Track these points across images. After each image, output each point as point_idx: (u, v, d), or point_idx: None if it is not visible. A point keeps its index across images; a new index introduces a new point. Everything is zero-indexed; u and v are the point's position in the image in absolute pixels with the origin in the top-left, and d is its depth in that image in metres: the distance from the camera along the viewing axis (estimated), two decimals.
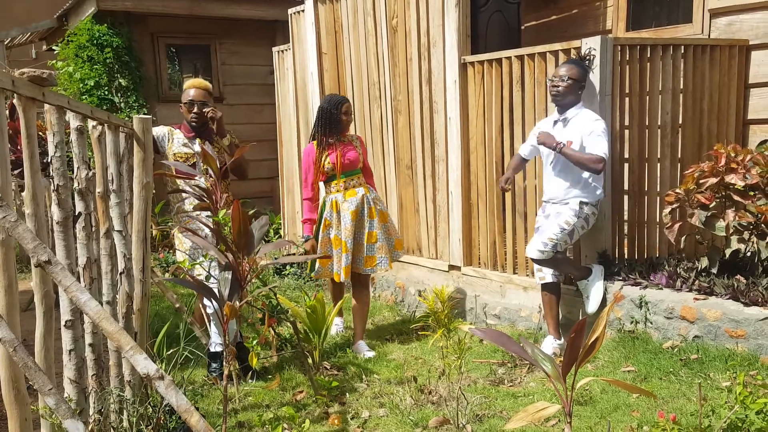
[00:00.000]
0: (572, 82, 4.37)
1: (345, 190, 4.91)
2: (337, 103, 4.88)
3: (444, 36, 5.46)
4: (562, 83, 4.37)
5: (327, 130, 4.87)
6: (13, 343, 1.99)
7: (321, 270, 5.00)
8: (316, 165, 4.88)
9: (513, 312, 5.20)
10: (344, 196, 4.90)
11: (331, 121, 4.86)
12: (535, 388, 4.04)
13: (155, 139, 4.43)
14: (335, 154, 4.86)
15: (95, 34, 8.61)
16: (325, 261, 4.95)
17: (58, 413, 2.05)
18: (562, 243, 4.42)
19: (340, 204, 4.89)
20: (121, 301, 3.22)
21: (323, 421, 3.74)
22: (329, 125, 4.86)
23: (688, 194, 4.30)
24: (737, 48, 5.14)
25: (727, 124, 5.21)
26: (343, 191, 4.91)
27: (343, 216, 4.87)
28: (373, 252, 4.91)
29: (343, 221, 4.87)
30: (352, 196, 4.90)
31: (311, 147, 4.94)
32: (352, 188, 4.93)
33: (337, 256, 4.91)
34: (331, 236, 4.94)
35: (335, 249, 4.93)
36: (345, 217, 4.86)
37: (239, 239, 3.22)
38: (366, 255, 4.91)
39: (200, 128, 4.57)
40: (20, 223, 2.02)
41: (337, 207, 4.90)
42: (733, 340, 3.95)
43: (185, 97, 4.56)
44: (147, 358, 1.99)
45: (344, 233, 4.86)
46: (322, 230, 4.95)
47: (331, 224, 4.93)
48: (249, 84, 9.75)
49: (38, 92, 2.36)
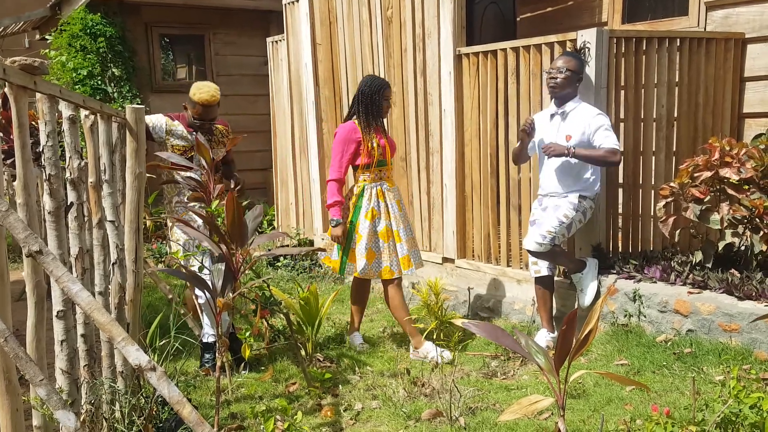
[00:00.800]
0: (570, 73, 4.35)
1: (388, 178, 4.64)
2: (379, 87, 4.54)
3: (439, 27, 5.44)
4: (560, 75, 4.36)
5: (369, 116, 4.54)
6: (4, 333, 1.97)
7: (367, 269, 4.54)
8: (365, 146, 4.50)
9: (507, 305, 5.20)
10: (389, 185, 4.63)
11: (372, 106, 4.53)
12: (528, 381, 4.04)
13: (150, 127, 4.37)
14: (384, 140, 4.58)
15: (88, 24, 8.56)
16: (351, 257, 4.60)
17: (49, 404, 2.03)
18: (560, 236, 4.42)
19: (386, 192, 4.60)
20: (114, 292, 3.20)
21: (316, 413, 3.73)
22: (371, 111, 4.53)
23: (683, 188, 4.30)
24: (733, 41, 5.13)
25: (722, 117, 5.21)
26: (386, 179, 4.63)
27: (391, 205, 4.59)
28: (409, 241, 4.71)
29: (393, 211, 4.58)
30: (394, 186, 4.68)
31: (353, 126, 4.53)
32: (392, 178, 4.71)
33: (388, 249, 4.56)
34: (379, 228, 4.57)
35: (385, 242, 4.56)
36: (393, 206, 4.59)
37: (233, 230, 3.20)
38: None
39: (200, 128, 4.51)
40: (11, 213, 2.00)
41: (384, 196, 4.60)
42: (726, 334, 3.95)
43: (198, 105, 4.39)
44: (139, 349, 1.97)
45: (395, 223, 4.57)
46: (368, 220, 4.54)
47: (379, 215, 4.56)
48: (243, 75, 9.71)
49: (29, 81, 2.33)
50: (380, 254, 4.56)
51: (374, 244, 4.55)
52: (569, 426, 3.31)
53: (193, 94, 4.42)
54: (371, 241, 4.54)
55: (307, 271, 6.95)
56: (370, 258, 4.54)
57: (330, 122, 6.95)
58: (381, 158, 4.56)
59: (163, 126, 4.46)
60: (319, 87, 6.99)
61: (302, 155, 7.53)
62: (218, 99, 4.47)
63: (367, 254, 4.52)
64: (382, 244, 4.56)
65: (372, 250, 4.54)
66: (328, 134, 6.98)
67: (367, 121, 4.53)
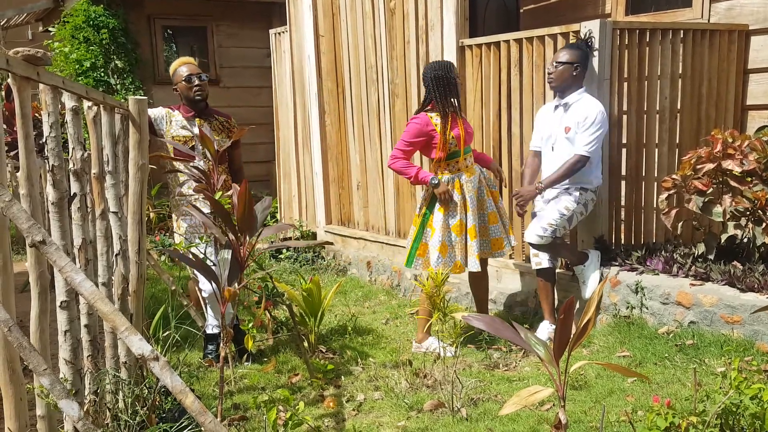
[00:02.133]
0: (564, 66, 4.34)
1: (466, 168, 4.49)
2: (448, 66, 4.41)
3: (442, 19, 5.43)
4: (553, 69, 4.39)
5: (447, 99, 4.37)
6: (7, 323, 1.98)
7: (440, 262, 4.40)
8: (442, 137, 4.36)
9: (509, 297, 5.21)
10: (467, 176, 4.48)
11: (449, 86, 4.36)
12: (530, 372, 4.05)
13: (152, 120, 4.36)
14: (458, 128, 4.39)
15: (91, 15, 8.56)
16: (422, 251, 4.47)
17: (53, 393, 2.04)
18: (561, 228, 4.42)
19: (464, 184, 4.45)
20: (117, 283, 3.22)
21: (318, 404, 3.75)
22: (449, 92, 4.37)
23: (685, 180, 4.30)
24: (737, 33, 5.12)
25: (725, 109, 5.19)
26: (464, 170, 4.48)
27: (469, 198, 4.44)
28: (498, 234, 4.55)
29: (471, 204, 4.44)
30: (473, 175, 4.49)
31: (426, 119, 4.40)
32: (471, 165, 4.52)
33: (460, 243, 4.44)
34: (452, 223, 4.44)
35: (458, 236, 4.44)
36: (471, 198, 4.45)
37: (243, 220, 3.20)
38: (492, 237, 4.56)
39: (203, 102, 4.48)
40: (15, 203, 2.01)
41: (462, 188, 4.45)
42: (728, 325, 3.95)
43: (180, 75, 4.42)
44: (142, 339, 1.98)
45: (471, 218, 4.43)
46: (441, 213, 4.42)
47: (455, 208, 4.43)
48: (246, 67, 9.70)
49: (32, 71, 2.34)
50: (453, 248, 4.45)
51: (447, 237, 4.44)
52: (571, 417, 3.32)
53: (171, 73, 4.52)
54: (444, 234, 4.43)
55: (309, 263, 6.96)
56: (443, 251, 4.43)
57: (332, 114, 6.94)
58: (454, 149, 4.42)
59: (164, 116, 4.44)
60: (322, 79, 6.99)
61: (305, 147, 7.53)
62: (194, 62, 4.55)
63: (440, 247, 4.42)
64: (454, 238, 4.45)
65: (445, 243, 4.43)
66: (331, 126, 6.98)
67: (445, 107, 4.37)
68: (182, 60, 4.54)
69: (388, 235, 6.40)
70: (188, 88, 4.41)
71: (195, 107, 4.44)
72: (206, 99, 4.50)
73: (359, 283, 6.42)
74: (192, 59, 4.61)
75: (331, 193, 7.14)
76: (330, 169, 7.10)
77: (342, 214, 7.08)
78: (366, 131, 6.49)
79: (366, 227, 6.74)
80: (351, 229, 6.94)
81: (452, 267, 4.44)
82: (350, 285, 6.31)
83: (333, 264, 6.92)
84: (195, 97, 4.41)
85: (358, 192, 6.75)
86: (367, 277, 6.50)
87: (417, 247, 4.54)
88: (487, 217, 4.54)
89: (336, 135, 6.94)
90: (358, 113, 6.57)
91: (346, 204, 7.01)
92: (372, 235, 6.57)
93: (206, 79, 4.50)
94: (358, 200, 6.78)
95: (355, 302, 5.81)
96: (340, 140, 6.91)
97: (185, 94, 4.44)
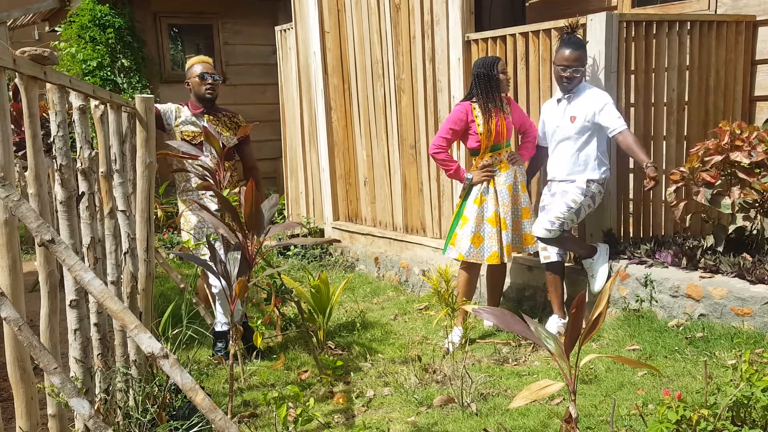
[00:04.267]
0: (582, 68, 4.40)
1: (500, 163, 4.57)
2: (491, 63, 4.51)
3: (447, 13, 5.42)
4: (576, 75, 4.38)
5: (489, 95, 4.50)
6: (18, 322, 1.99)
7: (472, 251, 4.53)
8: (482, 128, 4.49)
9: (517, 291, 5.20)
10: (500, 170, 4.57)
11: (491, 83, 4.49)
12: (539, 366, 4.05)
13: (161, 114, 4.40)
14: (493, 123, 4.50)
15: (97, 15, 8.57)
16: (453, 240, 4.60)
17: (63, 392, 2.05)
18: (568, 221, 4.41)
19: (496, 178, 4.56)
20: (126, 281, 3.22)
21: (328, 400, 3.75)
22: (490, 89, 4.49)
23: (693, 172, 4.27)
24: (744, 24, 5.08)
25: (733, 101, 5.16)
26: (498, 164, 4.57)
27: (500, 191, 4.55)
28: (529, 229, 4.60)
29: (501, 197, 4.55)
30: (507, 170, 4.58)
31: (468, 106, 4.55)
32: (507, 160, 4.59)
33: (497, 234, 4.54)
34: (487, 215, 4.56)
35: (493, 227, 4.54)
36: (502, 192, 4.55)
37: (250, 218, 3.20)
38: (524, 232, 4.64)
39: (213, 100, 4.55)
40: (23, 203, 2.01)
41: (494, 181, 4.56)
42: (739, 318, 3.94)
43: (194, 72, 4.52)
44: (151, 336, 1.99)
45: (503, 209, 4.55)
46: (477, 204, 4.54)
47: (487, 200, 4.55)
48: (251, 64, 9.70)
49: (40, 71, 2.34)
50: (488, 239, 4.55)
51: (482, 228, 4.55)
52: (581, 411, 3.32)
53: (187, 69, 4.61)
54: (478, 226, 4.54)
55: (317, 260, 6.96)
56: (477, 242, 4.54)
57: (339, 111, 6.94)
58: (495, 143, 4.53)
59: (173, 111, 4.49)
60: (328, 75, 6.98)
61: (311, 144, 7.53)
62: (211, 62, 4.63)
63: (473, 237, 4.54)
64: (490, 230, 4.54)
65: (479, 234, 4.54)
66: (337, 122, 6.98)
67: (487, 102, 4.50)
68: (200, 58, 4.63)
69: (395, 230, 6.40)
70: (200, 84, 4.49)
71: (204, 104, 4.50)
72: (216, 98, 4.58)
73: (367, 279, 6.43)
74: (209, 59, 4.68)
75: (338, 190, 7.14)
76: (337, 166, 7.10)
77: (349, 210, 7.08)
78: (372, 127, 6.48)
79: (373, 223, 6.74)
80: (358, 225, 6.94)
81: (489, 256, 4.54)
82: (358, 281, 6.32)
83: (341, 260, 6.93)
84: (206, 94, 4.50)
85: (365, 188, 6.75)
86: (375, 273, 6.50)
87: (451, 236, 4.66)
88: (521, 211, 4.63)
89: (342, 131, 6.94)
90: (364, 109, 6.56)
91: (353, 200, 7.01)
92: (379, 230, 6.57)
93: (219, 80, 4.58)
94: (366, 196, 6.78)
95: (363, 298, 5.81)
96: (347, 136, 6.91)
97: (196, 90, 4.52)
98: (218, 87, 4.57)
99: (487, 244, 4.55)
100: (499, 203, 4.56)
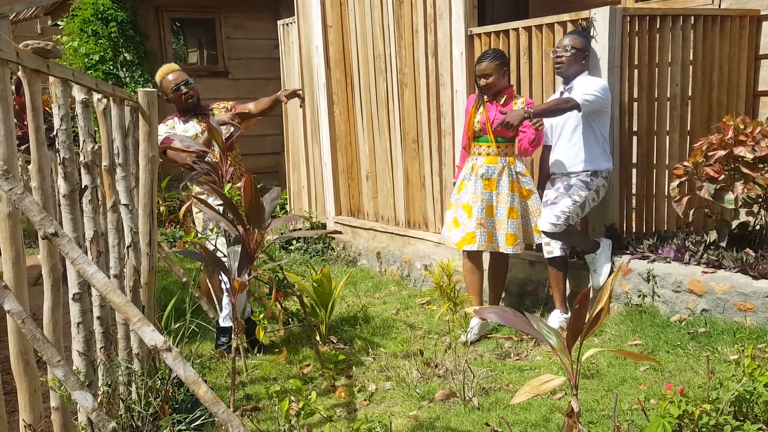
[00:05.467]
0: (575, 51, 4.37)
1: (487, 156, 4.54)
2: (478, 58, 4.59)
3: (450, 7, 5.40)
4: (565, 54, 4.38)
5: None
6: (21, 315, 1.99)
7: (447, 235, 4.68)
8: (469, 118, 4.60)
9: (520, 285, 5.20)
10: (485, 161, 4.54)
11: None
12: (541, 361, 4.05)
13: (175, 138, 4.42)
14: (486, 114, 4.51)
15: (100, 9, 8.57)
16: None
17: (67, 385, 2.05)
18: (574, 216, 4.41)
19: (478, 168, 4.55)
20: (129, 275, 3.23)
21: (330, 394, 3.76)
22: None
23: (697, 167, 4.27)
24: (748, 18, 5.07)
25: (737, 95, 5.15)
26: (485, 155, 4.55)
27: (475, 180, 4.56)
28: (514, 230, 4.52)
29: (475, 186, 4.54)
30: (492, 164, 4.53)
31: (471, 96, 4.71)
32: (495, 155, 4.53)
33: (467, 222, 4.55)
34: (463, 201, 4.61)
35: (467, 216, 4.57)
36: (477, 182, 4.54)
37: (250, 212, 3.20)
38: (508, 232, 4.52)
39: (196, 106, 4.57)
40: (27, 196, 2.01)
41: (476, 171, 4.56)
42: (741, 313, 3.94)
43: (168, 86, 4.52)
44: (154, 330, 1.99)
45: (471, 198, 4.55)
46: (458, 191, 4.65)
47: (467, 186, 4.60)
48: (254, 58, 9.69)
49: (42, 64, 2.34)
50: (463, 224, 4.59)
51: (460, 213, 4.61)
52: (583, 406, 3.32)
53: (159, 82, 4.60)
54: (458, 211, 4.62)
55: (320, 254, 6.97)
56: (452, 227, 4.64)
57: (341, 105, 6.94)
58: (478, 134, 4.56)
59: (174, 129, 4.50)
60: (330, 69, 6.98)
61: (314, 138, 7.52)
62: (177, 68, 4.61)
63: (452, 221, 4.64)
64: (464, 216, 4.60)
65: (457, 219, 4.62)
66: (340, 117, 6.97)
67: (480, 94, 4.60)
68: (166, 69, 4.61)
69: (397, 225, 6.40)
70: (178, 97, 4.52)
71: (188, 111, 4.53)
72: (198, 100, 4.59)
73: (369, 273, 6.43)
74: (176, 66, 4.66)
75: (341, 184, 7.14)
76: (339, 160, 7.09)
77: (351, 205, 7.08)
78: (375, 121, 6.48)
79: (375, 218, 6.73)
80: (360, 219, 6.94)
81: (458, 241, 4.57)
82: (360, 275, 6.32)
83: (343, 255, 6.93)
84: (187, 101, 4.53)
85: (368, 182, 6.75)
86: (377, 268, 6.50)
87: None
88: (506, 210, 4.51)
89: (345, 125, 6.94)
90: (366, 103, 6.55)
91: (355, 194, 7.01)
92: (382, 225, 6.57)
93: (192, 82, 4.59)
94: (368, 190, 6.78)
95: (365, 293, 5.82)
96: (349, 130, 6.91)
97: (175, 102, 4.57)
98: (195, 88, 4.57)
99: (460, 229, 4.57)
100: (471, 192, 4.56)
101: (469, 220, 4.54)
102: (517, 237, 4.52)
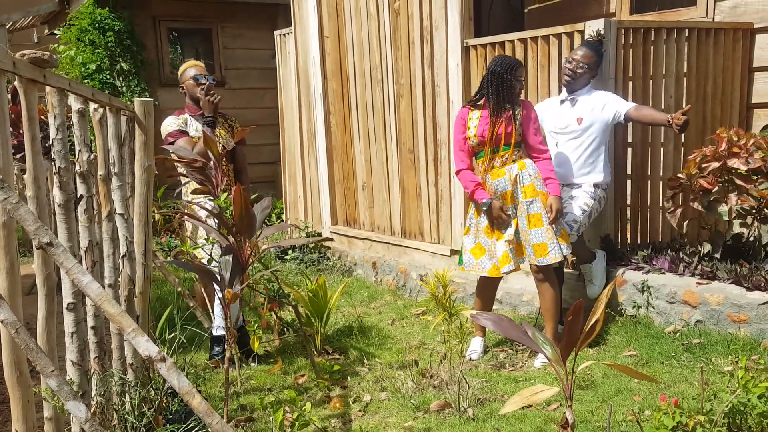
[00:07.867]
0: (588, 69, 4.36)
1: (491, 169, 4.23)
2: (511, 66, 4.12)
3: (446, 19, 5.43)
4: (579, 69, 4.34)
5: (500, 98, 4.13)
6: (15, 325, 1.99)
7: (472, 263, 4.31)
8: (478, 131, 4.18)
9: (515, 296, 5.20)
10: (492, 177, 4.22)
11: (503, 86, 4.11)
12: (536, 372, 4.05)
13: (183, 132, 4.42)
14: (501, 128, 4.14)
15: (96, 18, 8.58)
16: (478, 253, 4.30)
17: (60, 395, 2.05)
18: (583, 225, 4.41)
19: (488, 186, 4.23)
20: (123, 284, 3.23)
21: (325, 405, 3.75)
22: (500, 91, 4.12)
23: (691, 179, 4.29)
24: (741, 31, 5.10)
25: (731, 108, 5.18)
26: (490, 171, 4.23)
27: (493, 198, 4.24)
28: (541, 238, 4.12)
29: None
30: (502, 176, 4.19)
31: (463, 111, 4.31)
32: (500, 167, 4.20)
33: (491, 246, 4.27)
34: (483, 225, 4.29)
35: (489, 239, 4.27)
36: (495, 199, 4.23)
37: (240, 222, 3.21)
38: (534, 243, 4.14)
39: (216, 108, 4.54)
40: (22, 205, 2.02)
41: (488, 189, 4.24)
42: (735, 324, 3.94)
43: (188, 75, 4.55)
44: (149, 340, 1.99)
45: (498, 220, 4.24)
46: (476, 215, 4.31)
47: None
48: (251, 68, 9.71)
49: (39, 74, 2.35)
50: (490, 250, 4.28)
51: (483, 239, 4.30)
52: (578, 417, 3.32)
53: (180, 74, 4.65)
54: (479, 236, 4.31)
55: (315, 264, 6.96)
56: (478, 253, 4.30)
57: (338, 115, 6.95)
58: (479, 149, 4.23)
59: (185, 124, 4.49)
60: (327, 80, 6.99)
61: (310, 148, 7.53)
62: (203, 66, 4.67)
63: (474, 248, 4.31)
64: (487, 241, 4.29)
65: (481, 245, 4.30)
66: (336, 127, 6.99)
67: (498, 104, 4.13)
68: (191, 62, 4.68)
69: (393, 235, 6.40)
70: (194, 86, 4.52)
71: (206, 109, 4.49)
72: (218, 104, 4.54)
73: (365, 283, 6.43)
74: (201, 63, 4.73)
75: (337, 194, 7.14)
76: (335, 170, 7.10)
77: (347, 215, 7.08)
78: (371, 131, 6.49)
79: (371, 228, 6.74)
80: (356, 229, 6.95)
81: (490, 269, 4.26)
82: (356, 286, 6.32)
83: (339, 265, 6.93)
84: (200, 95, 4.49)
85: (364, 192, 6.76)
86: (373, 278, 6.50)
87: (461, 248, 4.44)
88: (526, 220, 4.18)
89: (341, 136, 6.95)
90: (363, 114, 6.57)
91: (351, 204, 7.02)
92: (377, 235, 6.57)
93: (213, 81, 4.57)
94: (364, 201, 6.78)
95: (360, 303, 5.81)
96: (345, 141, 6.92)
97: (191, 92, 4.54)
98: (213, 88, 4.53)
99: (488, 256, 4.28)
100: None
101: (498, 242, 4.21)
102: (547, 246, 4.11)
